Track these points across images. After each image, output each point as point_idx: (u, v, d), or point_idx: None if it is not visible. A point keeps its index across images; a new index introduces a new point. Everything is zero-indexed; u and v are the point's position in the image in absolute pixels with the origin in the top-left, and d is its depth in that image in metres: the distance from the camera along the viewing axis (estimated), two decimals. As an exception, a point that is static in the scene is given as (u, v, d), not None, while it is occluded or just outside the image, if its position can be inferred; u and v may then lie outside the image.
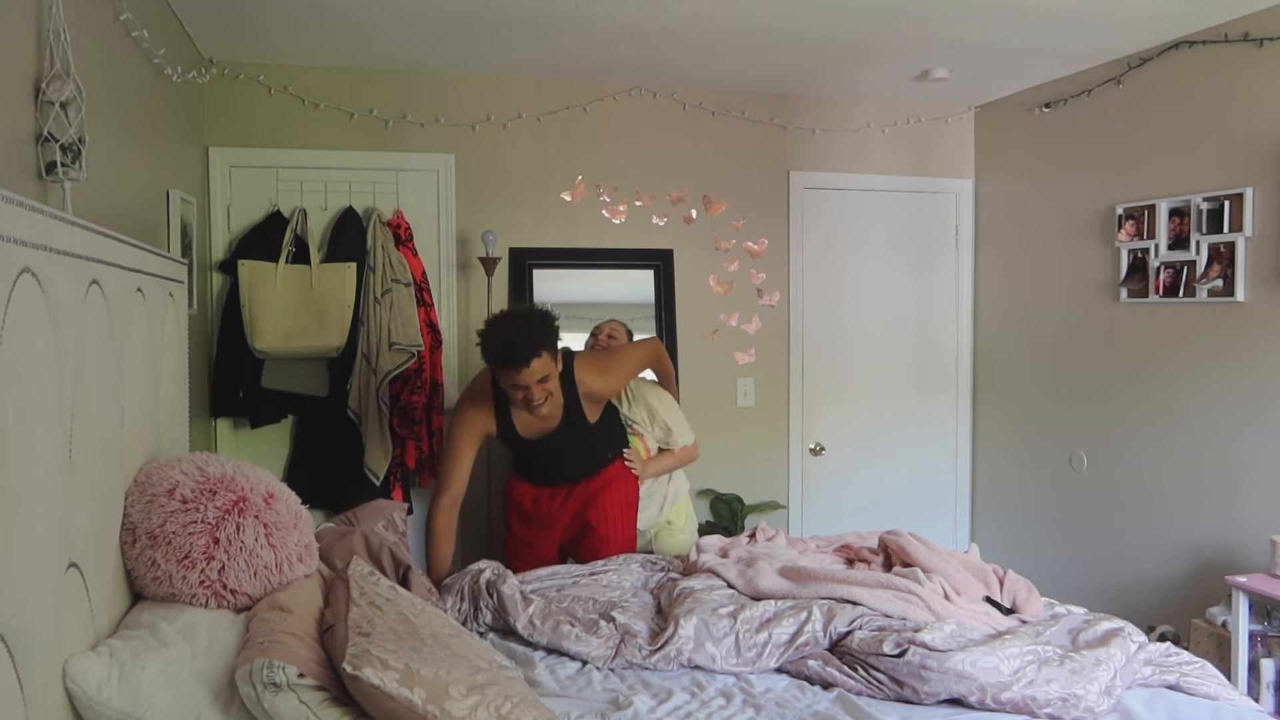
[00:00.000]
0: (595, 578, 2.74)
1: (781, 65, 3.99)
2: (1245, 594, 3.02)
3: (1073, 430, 4.15)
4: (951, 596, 2.38)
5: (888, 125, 4.61)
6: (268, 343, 3.59)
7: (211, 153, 3.87)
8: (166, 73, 2.95)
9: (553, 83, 4.21)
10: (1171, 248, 3.65)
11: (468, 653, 1.72)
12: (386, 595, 1.91)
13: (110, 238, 1.80)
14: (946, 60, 3.93)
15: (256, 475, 1.98)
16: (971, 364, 4.80)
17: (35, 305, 1.33)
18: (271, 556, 1.88)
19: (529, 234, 4.22)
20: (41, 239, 1.36)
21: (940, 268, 4.74)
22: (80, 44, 2.01)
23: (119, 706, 1.46)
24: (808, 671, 2.19)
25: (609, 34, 3.56)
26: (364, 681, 1.48)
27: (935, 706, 2.02)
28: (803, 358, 4.55)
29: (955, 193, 4.75)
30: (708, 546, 2.85)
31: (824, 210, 4.59)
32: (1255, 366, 3.36)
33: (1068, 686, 1.96)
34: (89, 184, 2.05)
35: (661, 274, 4.36)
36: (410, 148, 4.07)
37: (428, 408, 3.86)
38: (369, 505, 2.85)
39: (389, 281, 3.75)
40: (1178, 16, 3.37)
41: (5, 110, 1.74)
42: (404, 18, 3.36)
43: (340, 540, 2.43)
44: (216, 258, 3.86)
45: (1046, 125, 4.28)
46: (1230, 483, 3.45)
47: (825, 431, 4.61)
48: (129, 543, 1.80)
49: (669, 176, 4.37)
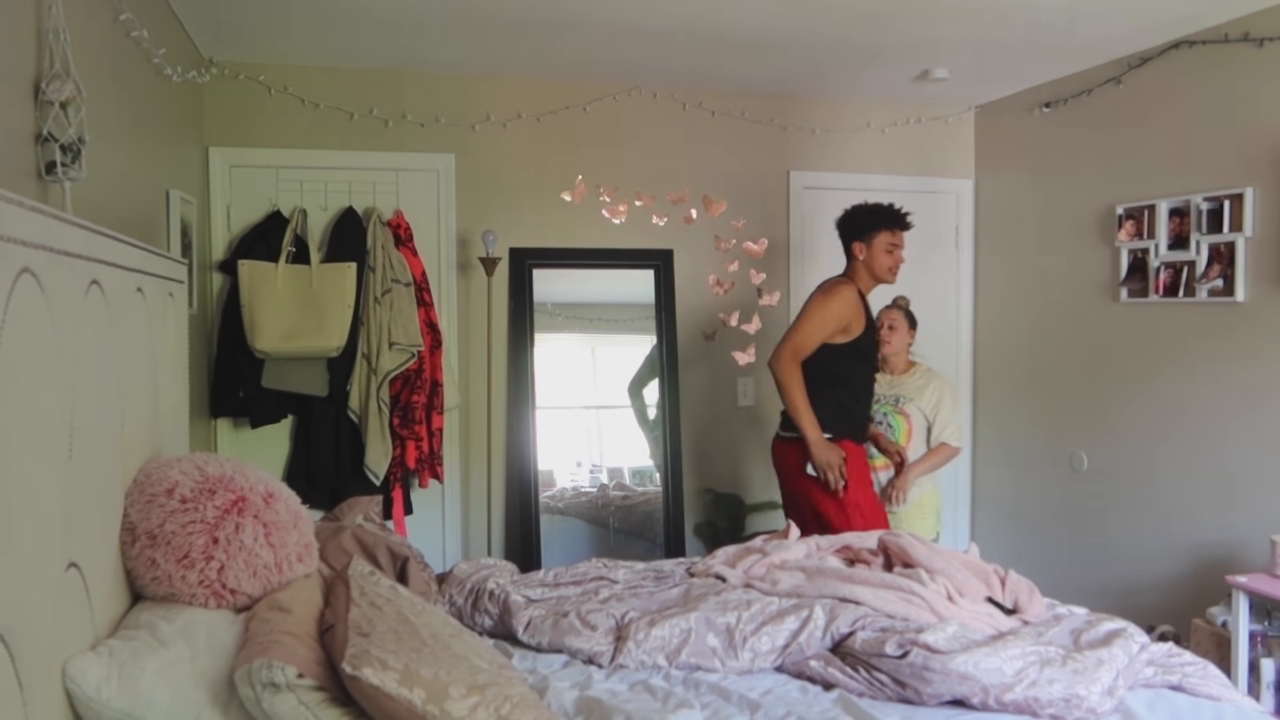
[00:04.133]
0: (601, 581, 2.73)
1: (781, 65, 3.99)
2: (1245, 594, 3.02)
3: (1073, 430, 4.15)
4: (955, 598, 2.38)
5: (888, 125, 4.61)
6: (268, 343, 3.59)
7: (211, 153, 3.87)
8: (166, 73, 2.95)
9: (553, 83, 4.21)
10: (1171, 248, 3.65)
11: (468, 653, 1.72)
12: (387, 595, 1.91)
13: (110, 238, 1.79)
14: (946, 60, 3.93)
15: (256, 475, 1.97)
16: (971, 364, 4.80)
17: (35, 305, 1.32)
18: (271, 556, 1.88)
19: (529, 234, 4.21)
20: (41, 239, 1.36)
21: (940, 268, 4.73)
22: (80, 44, 2.01)
23: (118, 706, 1.46)
24: (809, 672, 2.18)
25: (609, 34, 3.56)
26: (363, 682, 1.48)
27: (938, 708, 2.02)
28: (803, 358, 4.55)
29: (955, 193, 4.75)
30: (719, 554, 2.86)
31: (824, 210, 4.57)
32: (1255, 366, 3.35)
33: (1070, 687, 1.95)
34: (89, 184, 2.04)
35: (661, 274, 4.36)
36: (410, 148, 4.07)
37: (428, 408, 3.86)
38: (348, 501, 2.85)
39: (389, 281, 3.75)
40: (1178, 16, 3.37)
41: (5, 110, 1.74)
42: (404, 18, 3.36)
43: (332, 539, 2.43)
44: (216, 258, 3.86)
45: (1046, 125, 4.28)
46: (1230, 483, 3.45)
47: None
48: (128, 542, 1.80)
49: (669, 176, 4.36)
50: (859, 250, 3.45)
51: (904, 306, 3.95)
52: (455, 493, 4.18)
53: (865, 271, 3.47)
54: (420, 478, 3.91)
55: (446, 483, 4.10)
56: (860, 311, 3.41)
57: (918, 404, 3.75)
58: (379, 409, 3.71)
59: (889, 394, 3.82)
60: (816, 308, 3.41)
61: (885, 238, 3.41)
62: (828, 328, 3.36)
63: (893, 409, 3.79)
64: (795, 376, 3.32)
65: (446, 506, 4.16)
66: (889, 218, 3.43)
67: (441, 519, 4.16)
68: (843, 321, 3.38)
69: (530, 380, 4.17)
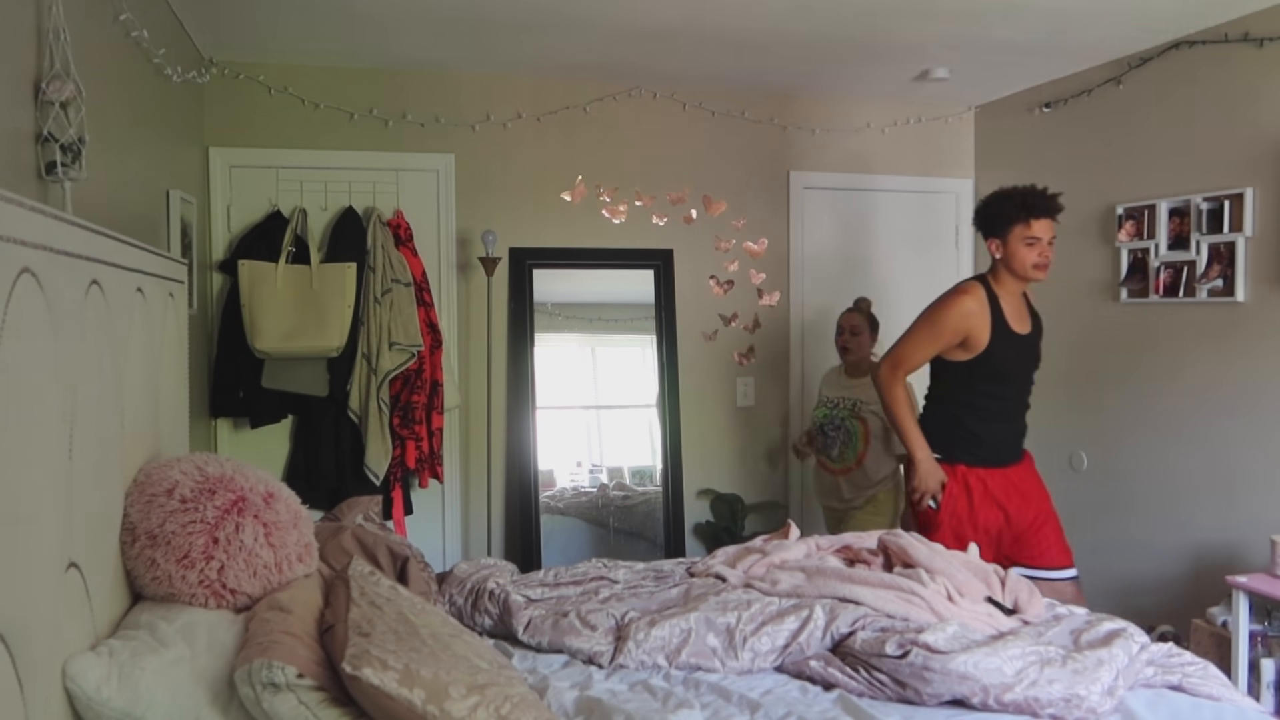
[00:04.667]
0: (601, 581, 2.73)
1: (781, 65, 3.99)
2: (1245, 594, 3.02)
3: (1073, 430, 4.15)
4: (955, 598, 2.38)
5: (888, 125, 4.61)
6: (268, 343, 3.59)
7: (211, 153, 3.87)
8: (166, 73, 2.95)
9: (553, 83, 4.21)
10: (1171, 248, 3.65)
11: (468, 653, 1.72)
12: (387, 595, 1.91)
13: (110, 238, 1.79)
14: (946, 60, 3.93)
15: (256, 475, 1.98)
16: (972, 364, 4.79)
17: (35, 305, 1.32)
18: (271, 556, 1.88)
19: (529, 234, 4.21)
20: (41, 239, 1.36)
21: (940, 268, 4.73)
22: (80, 44, 2.01)
23: (118, 706, 1.46)
24: (809, 672, 2.18)
25: (609, 34, 3.56)
26: (363, 682, 1.48)
27: (938, 708, 2.02)
28: (802, 358, 4.55)
29: (955, 193, 4.75)
30: (719, 554, 2.85)
31: (824, 210, 4.59)
32: (1255, 366, 3.35)
33: (1070, 687, 1.95)
34: (89, 184, 2.04)
35: (661, 274, 4.36)
36: (410, 148, 4.07)
37: (428, 408, 3.86)
38: (348, 501, 2.85)
39: (389, 281, 3.75)
40: (1178, 16, 3.37)
41: (5, 110, 1.74)
42: (404, 18, 3.36)
43: (332, 539, 2.43)
44: (216, 258, 3.86)
45: (1046, 125, 4.28)
46: (1230, 483, 3.45)
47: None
48: (128, 543, 1.80)
49: (669, 176, 4.36)
50: (995, 248, 3.04)
51: (865, 310, 3.86)
52: (455, 493, 4.18)
53: (1005, 271, 3.05)
54: (420, 478, 3.91)
55: (446, 483, 4.10)
56: (986, 322, 2.99)
57: (874, 408, 3.58)
58: (379, 409, 3.71)
59: (847, 398, 3.77)
60: (924, 319, 3.05)
61: (1021, 230, 2.98)
62: (938, 342, 3.02)
63: (850, 414, 3.74)
64: (895, 391, 3.05)
65: (446, 506, 4.16)
66: (1022, 206, 2.98)
67: (441, 519, 4.16)
68: (956, 335, 3.00)
69: (530, 380, 4.18)
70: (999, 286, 3.06)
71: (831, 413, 3.82)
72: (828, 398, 3.89)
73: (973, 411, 3.07)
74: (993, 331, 3.00)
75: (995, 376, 3.05)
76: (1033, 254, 2.99)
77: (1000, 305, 3.04)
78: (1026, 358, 3.13)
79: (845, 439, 3.74)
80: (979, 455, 3.07)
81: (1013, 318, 3.06)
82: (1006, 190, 3.04)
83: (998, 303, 3.04)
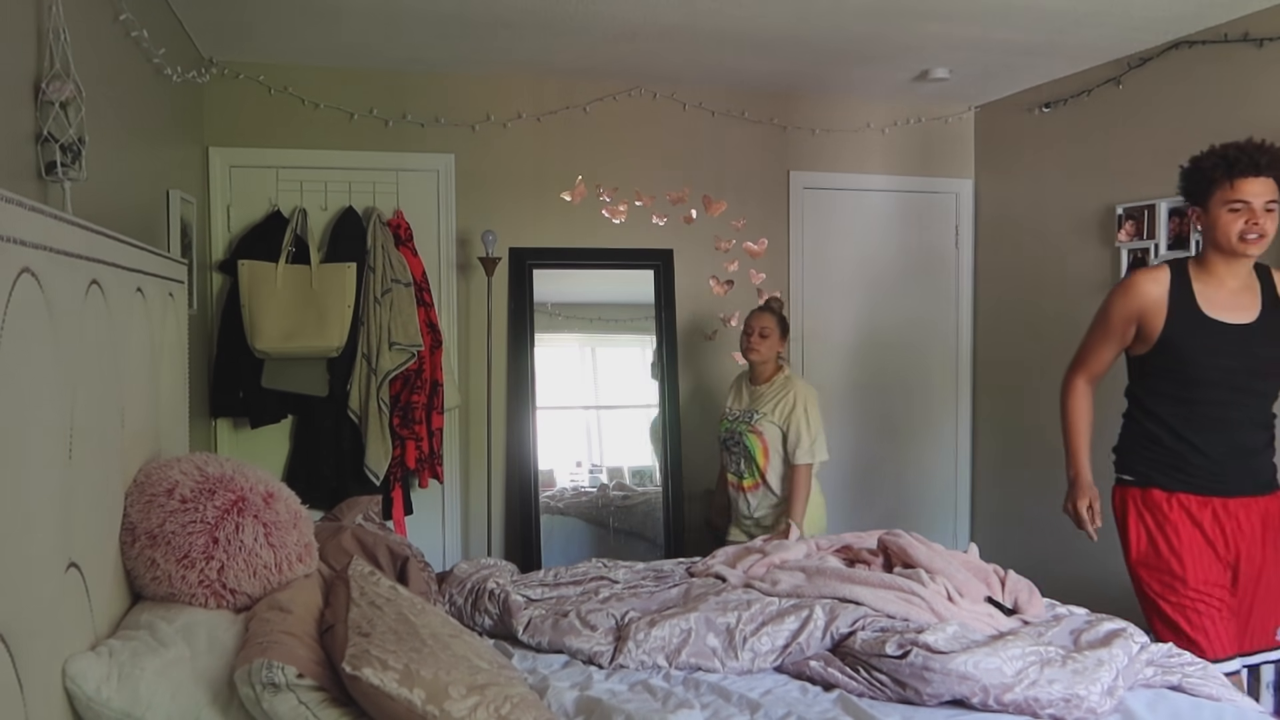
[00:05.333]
0: (601, 580, 2.73)
1: (781, 65, 3.99)
2: (1246, 594, 3.01)
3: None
4: (955, 598, 2.38)
5: (888, 125, 4.61)
6: (268, 343, 3.59)
7: (211, 153, 3.87)
8: (166, 73, 2.95)
9: (553, 83, 4.21)
10: (1171, 248, 3.65)
11: (468, 653, 1.72)
12: (387, 595, 1.91)
13: (110, 238, 1.80)
14: (946, 60, 3.93)
15: (255, 475, 1.98)
16: (971, 364, 4.80)
17: (35, 305, 1.33)
18: (271, 556, 1.88)
19: (529, 234, 4.21)
20: (41, 239, 1.36)
21: (940, 267, 4.74)
22: (80, 44, 2.01)
23: (118, 707, 1.46)
24: (809, 672, 2.19)
25: (609, 34, 3.56)
26: (363, 682, 1.48)
27: (937, 708, 2.02)
28: (802, 358, 4.55)
29: (955, 193, 4.75)
30: (719, 554, 2.86)
31: (824, 210, 4.58)
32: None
33: (1070, 687, 1.96)
34: (89, 184, 2.04)
35: (661, 274, 4.36)
36: (410, 148, 4.07)
37: (428, 408, 3.86)
38: (348, 501, 2.85)
39: (389, 281, 3.75)
40: (1178, 16, 3.37)
41: (5, 110, 1.74)
42: (404, 18, 3.36)
43: (332, 539, 2.43)
44: (216, 258, 3.86)
45: (1046, 125, 4.28)
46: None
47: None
48: (128, 543, 1.80)
49: (669, 176, 4.36)
50: (1198, 219, 2.52)
51: (777, 310, 3.59)
52: (455, 493, 4.18)
53: (1210, 246, 2.50)
54: (420, 478, 3.91)
55: (446, 483, 4.10)
56: (1161, 303, 2.48)
57: (771, 418, 3.41)
58: (379, 409, 3.71)
59: (744, 410, 3.53)
60: (1099, 310, 2.64)
61: (1223, 193, 2.42)
62: (1110, 332, 2.58)
63: (746, 428, 3.48)
64: (1066, 397, 2.70)
65: (446, 506, 4.16)
66: (1223, 162, 2.44)
67: (441, 519, 4.16)
68: (1127, 321, 2.54)
69: (530, 380, 4.18)
70: (1201, 266, 2.52)
71: (732, 426, 3.58)
72: (728, 410, 3.65)
73: (1157, 419, 2.57)
74: (1172, 314, 2.48)
75: (1181, 372, 2.51)
76: (1238, 221, 2.41)
77: (1192, 286, 2.50)
78: (1237, 352, 2.48)
79: (745, 454, 3.51)
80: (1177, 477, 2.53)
81: (1215, 302, 2.49)
82: (1209, 151, 2.52)
83: (1188, 283, 2.51)
